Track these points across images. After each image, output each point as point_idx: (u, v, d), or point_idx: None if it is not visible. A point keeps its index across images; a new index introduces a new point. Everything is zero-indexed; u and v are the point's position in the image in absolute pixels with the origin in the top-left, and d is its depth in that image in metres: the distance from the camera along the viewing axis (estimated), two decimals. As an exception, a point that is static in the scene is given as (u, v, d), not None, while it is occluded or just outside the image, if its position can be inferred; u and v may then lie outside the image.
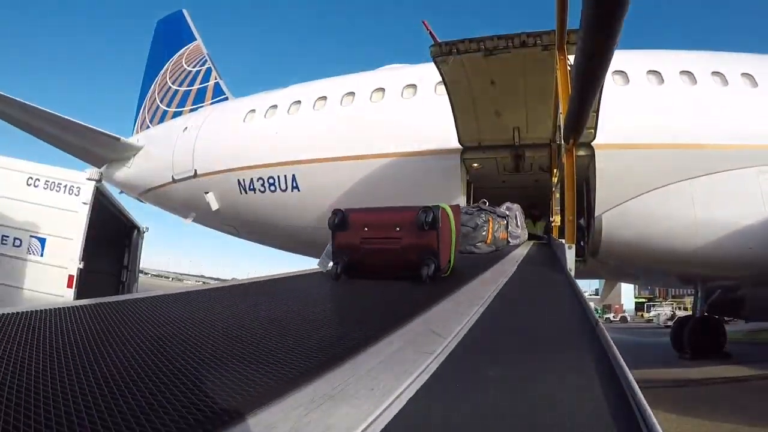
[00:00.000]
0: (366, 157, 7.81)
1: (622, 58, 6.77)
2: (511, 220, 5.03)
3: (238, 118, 9.41)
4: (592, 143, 6.44)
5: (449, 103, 6.47)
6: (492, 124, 6.86)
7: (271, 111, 9.13)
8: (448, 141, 7.10)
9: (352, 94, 8.51)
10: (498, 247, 4.50)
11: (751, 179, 6.47)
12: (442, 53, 5.67)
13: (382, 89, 8.33)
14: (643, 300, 40.94)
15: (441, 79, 6.27)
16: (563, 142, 4.13)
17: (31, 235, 5.58)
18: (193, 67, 11.94)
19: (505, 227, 4.75)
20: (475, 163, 7.58)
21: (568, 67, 4.29)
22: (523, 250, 4.78)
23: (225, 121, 9.71)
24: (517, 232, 5.17)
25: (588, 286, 31.18)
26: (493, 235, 4.47)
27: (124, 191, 11.04)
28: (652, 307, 37.44)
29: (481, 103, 6.54)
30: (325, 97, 8.73)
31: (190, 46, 12.38)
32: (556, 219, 5.27)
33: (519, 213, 5.45)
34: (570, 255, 3.72)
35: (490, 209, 4.67)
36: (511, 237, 4.92)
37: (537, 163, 7.50)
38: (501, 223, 4.67)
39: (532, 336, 1.47)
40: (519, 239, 5.19)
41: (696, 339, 9.31)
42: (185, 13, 12.92)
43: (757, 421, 4.65)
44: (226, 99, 11.00)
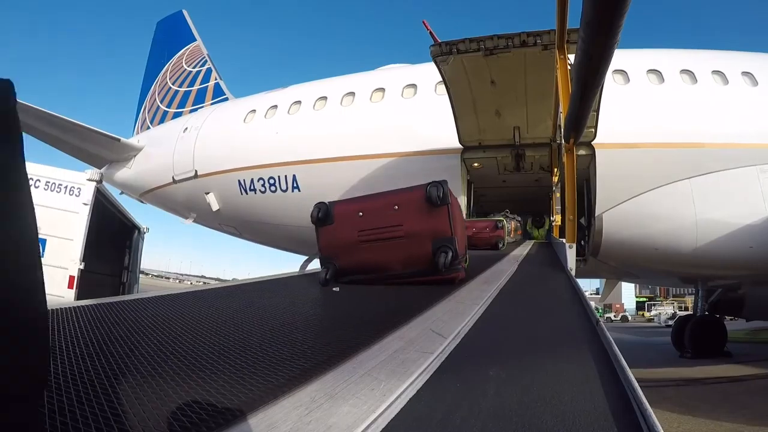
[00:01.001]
0: (366, 157, 7.81)
1: (622, 57, 6.77)
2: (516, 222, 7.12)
3: (239, 119, 9.41)
4: (593, 142, 6.43)
5: (449, 103, 6.47)
6: (492, 124, 6.86)
7: (272, 111, 9.12)
8: (448, 141, 7.10)
9: (352, 94, 8.51)
10: (515, 239, 6.54)
11: (751, 178, 6.46)
12: (443, 53, 5.67)
13: (382, 89, 8.33)
14: (644, 299, 40.93)
15: (441, 79, 6.27)
16: (563, 141, 4.13)
17: None
18: (193, 68, 11.95)
19: (517, 228, 6.91)
20: (475, 163, 7.58)
21: (568, 67, 4.29)
22: (524, 250, 4.80)
23: (225, 122, 9.70)
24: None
25: (588, 286, 31.21)
26: (514, 231, 6.57)
27: (124, 192, 11.04)
28: (653, 307, 37.35)
29: (482, 103, 6.55)
30: (325, 97, 8.73)
31: (190, 46, 12.38)
32: (557, 218, 5.29)
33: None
34: (571, 254, 3.73)
35: (511, 216, 6.61)
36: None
37: (537, 162, 7.50)
38: (518, 224, 6.98)
39: (532, 335, 1.47)
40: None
41: (697, 338, 9.29)
42: (185, 13, 12.93)
43: (758, 420, 4.64)
44: (226, 99, 11.00)
